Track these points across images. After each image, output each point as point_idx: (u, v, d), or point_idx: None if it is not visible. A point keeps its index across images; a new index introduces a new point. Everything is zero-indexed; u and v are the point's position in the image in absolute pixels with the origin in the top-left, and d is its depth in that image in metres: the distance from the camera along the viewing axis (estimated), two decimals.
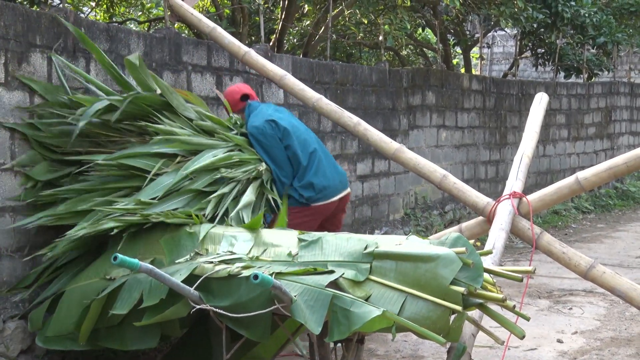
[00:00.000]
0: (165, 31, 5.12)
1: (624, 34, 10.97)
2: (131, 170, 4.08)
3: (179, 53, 5.11)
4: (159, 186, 4.01)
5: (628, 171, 4.10)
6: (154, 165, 4.07)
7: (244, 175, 4.26)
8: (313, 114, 6.56)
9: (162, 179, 4.04)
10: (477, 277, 2.95)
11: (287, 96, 6.26)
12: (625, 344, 4.65)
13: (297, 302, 2.81)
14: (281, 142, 4.47)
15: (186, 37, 5.24)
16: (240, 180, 4.24)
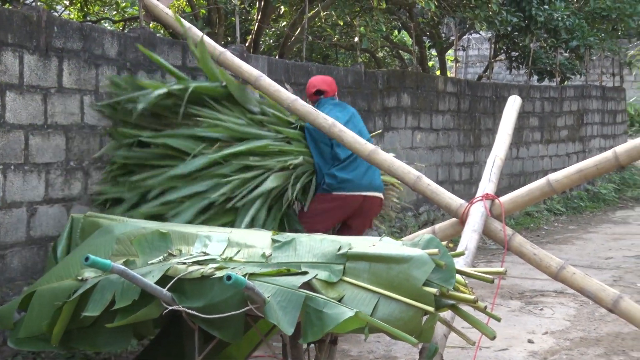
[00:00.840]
0: (139, 31, 5.10)
1: (596, 38, 11.12)
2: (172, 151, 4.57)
3: (153, 53, 5.09)
4: (189, 167, 4.49)
5: (598, 173, 4.16)
6: (194, 147, 4.53)
7: (275, 164, 4.64)
8: None
9: (196, 160, 4.50)
10: (449, 279, 2.98)
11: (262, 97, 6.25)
12: (594, 344, 4.71)
13: (270, 303, 2.81)
14: (330, 140, 4.81)
15: (161, 36, 5.22)
16: (272, 169, 4.63)
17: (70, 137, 4.57)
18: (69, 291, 3.16)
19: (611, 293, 3.75)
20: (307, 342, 2.94)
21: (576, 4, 11.46)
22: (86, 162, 4.68)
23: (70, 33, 4.54)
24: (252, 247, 3.27)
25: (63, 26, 4.51)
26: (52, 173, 4.47)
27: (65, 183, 4.54)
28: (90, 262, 2.72)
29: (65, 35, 4.49)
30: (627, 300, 3.70)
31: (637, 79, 20.65)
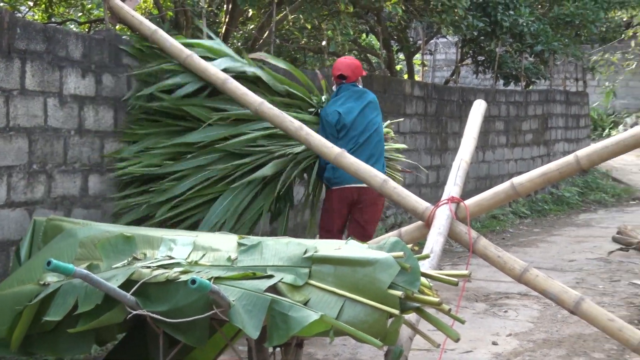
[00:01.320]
0: (105, 33, 5.05)
1: (560, 43, 11.29)
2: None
3: (119, 55, 5.05)
4: (199, 135, 4.96)
5: (561, 177, 4.23)
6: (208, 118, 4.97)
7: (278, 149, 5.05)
8: None
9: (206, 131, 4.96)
10: (414, 281, 3.00)
11: None
12: (557, 345, 4.78)
13: (235, 306, 2.81)
14: (337, 133, 5.23)
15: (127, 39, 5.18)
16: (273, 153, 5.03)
17: (33, 140, 4.51)
18: (30, 296, 3.12)
19: (573, 295, 3.80)
20: (272, 346, 2.95)
21: (541, 10, 11.63)
22: (50, 165, 4.63)
23: (34, 34, 4.49)
24: (217, 250, 3.26)
25: (26, 27, 4.45)
26: (15, 176, 4.41)
27: (27, 186, 4.48)
28: (52, 267, 2.69)
29: (28, 37, 4.43)
30: (588, 302, 3.75)
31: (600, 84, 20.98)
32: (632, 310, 5.64)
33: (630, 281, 6.64)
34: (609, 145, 3.95)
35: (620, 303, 5.87)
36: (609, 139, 3.98)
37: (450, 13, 8.72)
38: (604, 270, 7.14)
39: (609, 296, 6.10)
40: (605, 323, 3.69)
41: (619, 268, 7.25)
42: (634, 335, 3.62)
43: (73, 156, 4.79)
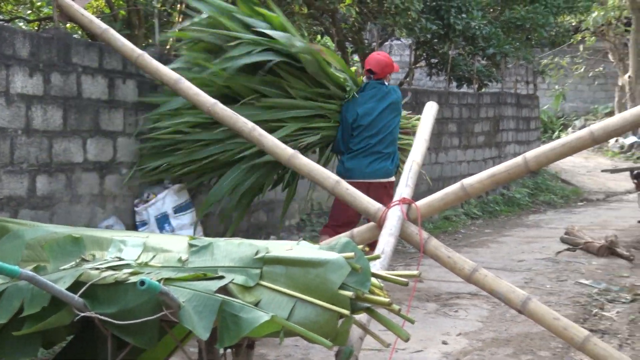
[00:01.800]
0: (54, 31, 4.98)
1: (511, 47, 11.49)
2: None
3: (68, 54, 4.98)
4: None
5: (509, 178, 4.30)
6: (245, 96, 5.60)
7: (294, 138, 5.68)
8: None
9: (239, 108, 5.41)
10: (365, 282, 3.02)
11: None
12: (505, 344, 4.86)
13: (186, 308, 2.79)
14: (353, 130, 5.85)
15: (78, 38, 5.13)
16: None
17: None
18: None
19: (520, 294, 3.87)
20: (223, 347, 2.94)
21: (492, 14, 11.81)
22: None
23: None
24: (168, 251, 3.23)
25: None
26: None
27: None
28: None
29: None
30: (534, 302, 3.83)
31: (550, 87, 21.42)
32: (577, 309, 5.77)
33: (576, 281, 6.78)
34: (556, 147, 4.03)
35: (566, 302, 5.99)
36: (555, 141, 4.06)
37: (403, 15, 8.80)
38: (552, 270, 7.29)
39: (556, 295, 6.22)
40: (550, 322, 3.78)
41: (566, 268, 7.40)
42: (578, 333, 3.71)
43: (20, 156, 4.71)
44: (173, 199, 5.80)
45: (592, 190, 14.49)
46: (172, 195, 5.81)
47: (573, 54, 20.36)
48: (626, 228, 9.93)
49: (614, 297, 6.17)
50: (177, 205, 5.82)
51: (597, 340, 3.69)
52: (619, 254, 7.92)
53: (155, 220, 5.70)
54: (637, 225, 9.56)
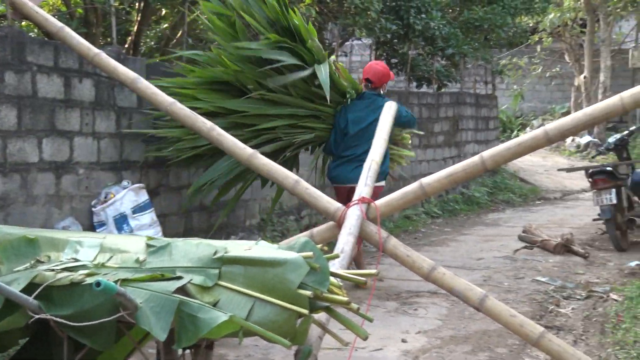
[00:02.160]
0: (7, 29, 4.90)
1: (470, 47, 11.61)
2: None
3: (22, 53, 4.90)
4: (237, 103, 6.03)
5: (467, 177, 4.35)
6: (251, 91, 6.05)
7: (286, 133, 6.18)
8: None
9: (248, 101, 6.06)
10: (324, 281, 3.03)
11: (140, 100, 6.15)
12: (463, 342, 4.92)
13: (143, 308, 2.76)
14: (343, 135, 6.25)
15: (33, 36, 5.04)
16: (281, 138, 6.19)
17: None
18: None
19: (478, 292, 3.91)
20: (181, 348, 2.92)
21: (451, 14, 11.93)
22: None
23: None
24: (125, 252, 3.20)
25: None
26: None
27: None
28: None
29: None
30: (491, 299, 3.88)
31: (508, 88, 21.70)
32: (534, 306, 5.86)
33: (533, 278, 6.89)
34: (512, 146, 4.09)
35: (523, 299, 6.08)
36: (511, 140, 4.12)
37: (363, 15, 8.84)
38: (510, 268, 7.39)
39: (514, 293, 6.31)
40: (507, 319, 3.83)
41: (524, 265, 7.51)
42: (533, 330, 3.76)
43: None
44: (132, 200, 5.75)
45: (550, 189, 14.72)
46: (130, 196, 5.76)
47: (531, 54, 20.67)
48: (582, 226, 10.12)
49: (570, 294, 6.28)
50: (136, 206, 5.77)
51: (551, 337, 3.76)
52: (575, 251, 8.07)
53: (114, 220, 5.64)
54: (592, 223, 9.75)
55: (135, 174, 6.29)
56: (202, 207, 7.18)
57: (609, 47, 18.58)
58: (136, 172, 6.30)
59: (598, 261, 7.85)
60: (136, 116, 6.29)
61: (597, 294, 6.24)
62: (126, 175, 6.15)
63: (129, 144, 6.23)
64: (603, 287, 6.47)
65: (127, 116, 6.21)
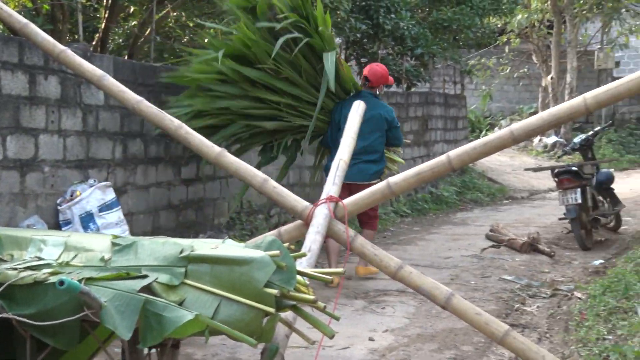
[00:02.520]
0: None
1: (439, 47, 11.68)
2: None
3: None
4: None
5: (434, 176, 4.38)
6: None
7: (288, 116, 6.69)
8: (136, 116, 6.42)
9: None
10: (290, 280, 3.03)
11: (107, 97, 6.10)
12: (430, 340, 4.95)
13: (107, 307, 2.74)
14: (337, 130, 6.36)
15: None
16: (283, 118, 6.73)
17: None
18: None
19: (444, 291, 3.94)
20: (146, 347, 2.90)
21: (420, 14, 12.00)
22: None
23: None
24: (90, 250, 3.17)
25: None
26: None
27: None
28: None
29: None
30: (457, 298, 3.91)
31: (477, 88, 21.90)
32: (500, 305, 5.92)
33: (500, 277, 6.96)
34: (478, 146, 4.13)
35: (490, 298, 6.15)
36: (477, 140, 4.16)
37: (332, 15, 8.84)
38: (477, 267, 7.46)
39: (480, 291, 6.37)
40: (472, 317, 3.86)
41: (491, 264, 7.58)
42: (498, 328, 3.80)
43: None
44: (98, 198, 5.69)
45: (517, 188, 14.87)
46: (97, 194, 5.71)
47: (499, 55, 20.87)
48: (548, 225, 10.25)
49: (535, 292, 6.36)
50: (102, 204, 5.72)
51: (516, 335, 3.80)
52: (541, 250, 8.17)
53: (80, 219, 5.58)
54: (558, 223, 9.88)
55: (102, 172, 6.23)
56: (171, 205, 7.15)
57: (575, 49, 18.84)
58: (103, 171, 6.24)
59: (563, 260, 7.96)
60: (103, 114, 6.23)
61: (562, 292, 6.33)
62: (93, 173, 6.10)
63: (95, 141, 6.18)
64: (568, 285, 6.56)
65: (94, 114, 6.15)
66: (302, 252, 3.64)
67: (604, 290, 5.55)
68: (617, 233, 9.41)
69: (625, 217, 10.10)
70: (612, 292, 5.42)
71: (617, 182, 10.45)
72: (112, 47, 9.69)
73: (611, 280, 5.74)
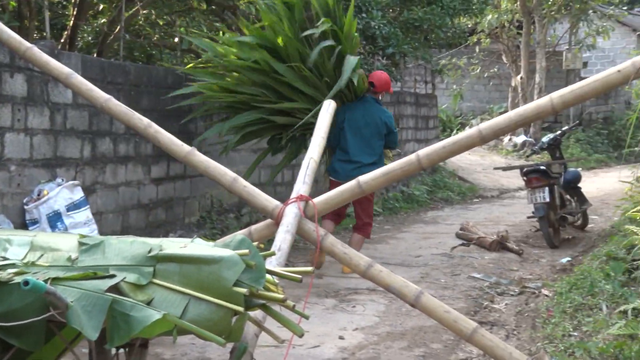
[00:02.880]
0: None
1: (410, 47, 11.73)
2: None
3: None
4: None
5: (403, 175, 4.40)
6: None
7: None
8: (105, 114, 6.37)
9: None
10: (259, 279, 3.03)
11: (76, 96, 6.04)
12: (400, 338, 4.98)
13: (74, 307, 2.72)
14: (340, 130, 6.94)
15: None
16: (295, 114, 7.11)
17: None
18: None
19: (413, 289, 3.97)
20: (113, 347, 2.88)
21: (392, 14, 12.03)
22: None
23: None
24: (57, 250, 3.14)
25: None
26: None
27: None
28: None
29: None
30: (427, 296, 3.94)
31: (448, 87, 22.05)
32: (469, 302, 5.97)
33: (469, 275, 7.02)
34: (447, 145, 4.16)
35: (459, 296, 6.19)
36: (446, 139, 4.19)
37: None
38: (447, 265, 7.51)
39: (450, 289, 6.42)
40: (441, 315, 3.89)
41: (460, 262, 7.64)
42: (467, 326, 3.84)
43: None
44: (66, 197, 5.64)
45: (487, 187, 14.99)
46: (65, 193, 5.65)
47: (470, 54, 21.03)
48: (517, 223, 10.35)
49: (504, 290, 6.43)
50: (70, 203, 5.66)
51: (484, 332, 3.84)
52: (510, 248, 8.25)
53: (47, 218, 5.52)
54: (526, 221, 9.98)
55: (70, 171, 6.17)
56: (140, 204, 7.10)
57: (544, 49, 19.06)
58: (71, 170, 6.18)
59: (531, 258, 8.05)
60: (71, 112, 6.17)
61: (530, 289, 6.40)
62: (60, 172, 6.03)
63: (63, 140, 6.11)
64: (535, 283, 6.64)
65: (62, 112, 6.09)
66: (271, 251, 3.64)
67: (570, 287, 5.62)
68: (584, 231, 9.53)
69: (592, 215, 10.24)
70: (578, 290, 5.49)
71: (584, 181, 10.60)
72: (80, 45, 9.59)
73: (577, 278, 5.81)
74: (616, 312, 4.59)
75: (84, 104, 6.15)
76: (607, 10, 20.49)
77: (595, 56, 22.48)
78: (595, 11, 19.73)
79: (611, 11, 20.30)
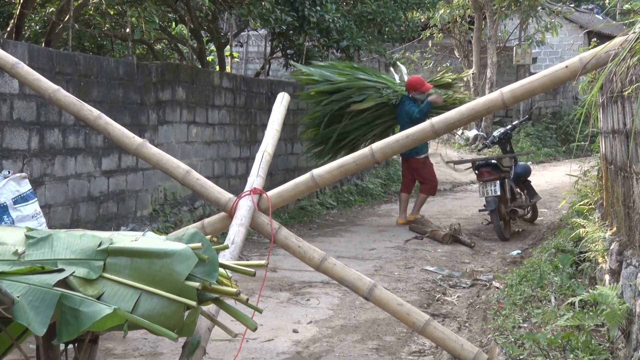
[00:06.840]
0: None
1: (364, 40, 11.76)
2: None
3: None
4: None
5: (357, 169, 4.42)
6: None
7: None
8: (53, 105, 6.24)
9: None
10: (212, 272, 3.00)
11: (23, 86, 5.90)
12: (353, 331, 4.99)
13: (20, 303, 2.65)
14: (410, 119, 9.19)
15: None
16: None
17: None
18: None
19: (367, 282, 3.99)
20: (62, 342, 2.82)
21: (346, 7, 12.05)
22: None
23: None
24: (3, 244, 3.07)
25: None
26: None
27: None
28: None
29: None
30: (380, 289, 3.96)
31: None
32: (422, 295, 6.02)
33: (422, 267, 7.07)
34: (400, 139, 4.19)
35: (412, 288, 6.24)
36: (399, 133, 4.22)
37: (257, 6, 8.80)
38: (400, 258, 7.55)
39: (403, 282, 6.46)
40: (394, 308, 3.92)
41: (414, 255, 7.69)
42: (420, 318, 3.87)
43: None
44: (13, 190, 5.48)
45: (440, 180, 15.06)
46: (11, 186, 5.49)
47: (422, 49, 21.20)
48: (469, 216, 10.48)
49: (456, 283, 6.50)
50: (17, 196, 5.50)
51: (436, 324, 3.87)
52: (462, 241, 8.34)
53: None
54: (478, 214, 10.11)
55: (17, 163, 6.02)
56: (91, 197, 6.97)
57: (495, 45, 19.31)
58: (18, 161, 6.03)
59: (483, 250, 8.15)
60: (18, 102, 6.03)
61: (481, 282, 6.48)
62: (7, 164, 5.88)
63: (10, 131, 5.96)
64: (487, 275, 6.72)
65: (8, 102, 5.94)
66: (225, 244, 3.61)
67: (520, 279, 5.70)
68: (533, 224, 9.69)
69: (542, 208, 10.42)
70: (528, 282, 5.57)
71: (534, 175, 10.77)
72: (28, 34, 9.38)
73: (527, 270, 5.90)
74: (564, 304, 4.67)
75: (32, 95, 6.01)
76: (554, 6, 20.86)
77: (544, 52, 22.86)
78: (544, 8, 20.05)
79: (559, 8, 20.66)
